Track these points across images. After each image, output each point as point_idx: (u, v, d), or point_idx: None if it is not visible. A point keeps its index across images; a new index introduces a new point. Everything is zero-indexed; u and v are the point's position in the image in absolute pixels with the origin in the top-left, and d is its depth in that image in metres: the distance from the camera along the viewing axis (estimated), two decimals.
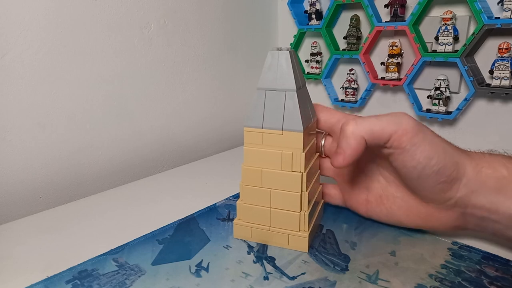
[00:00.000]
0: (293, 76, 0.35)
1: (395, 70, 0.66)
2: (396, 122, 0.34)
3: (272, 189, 0.38)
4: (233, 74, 0.78)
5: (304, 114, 0.36)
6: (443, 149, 0.34)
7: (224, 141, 0.78)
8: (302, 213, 0.37)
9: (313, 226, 0.39)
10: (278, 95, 0.36)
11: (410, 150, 0.34)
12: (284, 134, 0.36)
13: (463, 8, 0.59)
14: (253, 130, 0.37)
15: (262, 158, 0.37)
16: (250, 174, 0.39)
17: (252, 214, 0.39)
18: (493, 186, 0.33)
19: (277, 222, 0.38)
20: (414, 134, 0.34)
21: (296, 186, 0.37)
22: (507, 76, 0.55)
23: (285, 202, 0.37)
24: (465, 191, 0.34)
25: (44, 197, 0.55)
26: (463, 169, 0.34)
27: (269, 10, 0.82)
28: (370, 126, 0.34)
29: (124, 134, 0.63)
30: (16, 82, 0.50)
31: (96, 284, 0.34)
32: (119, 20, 0.58)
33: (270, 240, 0.39)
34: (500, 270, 0.35)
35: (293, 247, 0.38)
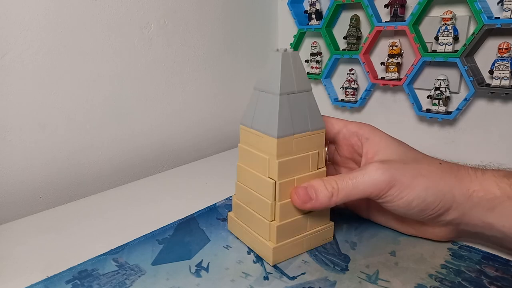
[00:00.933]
0: (279, 79, 0.33)
1: (395, 70, 0.66)
2: (370, 184, 0.34)
3: (253, 191, 0.37)
4: (233, 74, 0.78)
5: (289, 120, 0.34)
6: (425, 188, 0.34)
7: (224, 141, 0.78)
8: (273, 223, 0.36)
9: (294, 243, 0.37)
10: (267, 97, 0.35)
11: (390, 201, 0.34)
12: (263, 138, 0.35)
13: (463, 8, 0.59)
14: (246, 129, 0.37)
15: (250, 158, 0.37)
16: (241, 172, 0.39)
17: (240, 212, 0.40)
18: (485, 207, 0.33)
19: (254, 225, 0.38)
20: (389, 188, 0.34)
21: (269, 193, 0.35)
22: (507, 76, 0.55)
23: (260, 207, 0.37)
24: (456, 215, 0.34)
25: (44, 197, 0.55)
26: (450, 198, 0.34)
27: (269, 10, 0.82)
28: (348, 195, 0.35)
29: (124, 134, 0.63)
30: (16, 82, 0.50)
31: (96, 284, 0.34)
32: (119, 20, 0.58)
33: (247, 241, 0.39)
34: (500, 270, 0.35)
35: (262, 256, 0.37)
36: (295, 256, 0.37)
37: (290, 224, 0.36)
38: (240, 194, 0.40)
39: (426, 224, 0.38)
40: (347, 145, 0.40)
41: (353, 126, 0.39)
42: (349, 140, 0.39)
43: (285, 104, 0.34)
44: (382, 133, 0.38)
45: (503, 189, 0.33)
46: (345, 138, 0.40)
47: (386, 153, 0.36)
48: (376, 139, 0.38)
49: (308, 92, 0.35)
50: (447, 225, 0.36)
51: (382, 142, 0.37)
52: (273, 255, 0.36)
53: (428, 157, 0.37)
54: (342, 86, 0.75)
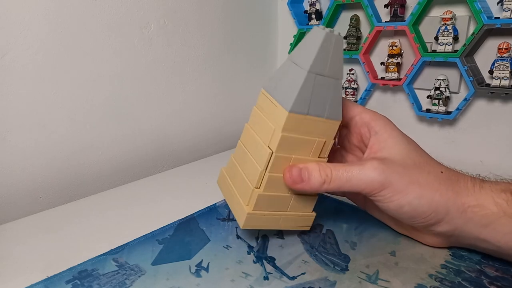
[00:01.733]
0: (314, 56, 0.32)
1: (395, 70, 0.66)
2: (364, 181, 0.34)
3: (249, 154, 0.37)
4: (233, 74, 0.77)
5: (308, 99, 0.33)
6: (418, 197, 0.33)
7: (224, 141, 0.78)
8: (256, 190, 0.35)
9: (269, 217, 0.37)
10: (295, 70, 0.34)
11: (381, 200, 0.34)
12: (277, 108, 0.34)
13: (463, 8, 0.59)
14: (265, 94, 0.37)
15: (258, 123, 0.37)
16: (246, 134, 0.39)
17: (232, 170, 0.40)
18: (479, 223, 0.33)
19: (239, 186, 0.38)
20: (382, 189, 0.33)
21: (262, 161, 0.35)
22: (507, 76, 0.55)
23: (250, 171, 0.36)
24: (448, 228, 0.34)
25: (44, 197, 0.55)
26: (444, 211, 0.33)
27: (269, 10, 0.82)
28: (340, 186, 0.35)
29: (124, 134, 0.63)
30: (16, 82, 0.50)
31: (96, 284, 0.34)
32: (119, 20, 0.58)
33: (228, 198, 0.39)
34: (500, 270, 0.35)
35: (236, 217, 0.37)
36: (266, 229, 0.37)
37: (272, 197, 0.36)
38: (238, 153, 0.39)
39: (418, 230, 0.38)
40: (357, 133, 0.39)
41: (367, 115, 0.38)
42: (360, 129, 0.38)
43: (310, 82, 0.33)
44: (393, 130, 0.37)
45: (499, 205, 0.32)
46: (356, 126, 0.39)
47: (390, 152, 0.36)
48: (384, 135, 0.37)
49: (337, 80, 0.34)
50: (438, 235, 0.36)
51: (390, 140, 0.36)
52: (246, 219, 0.36)
53: (432, 163, 0.36)
54: (342, 86, 0.75)
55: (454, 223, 0.34)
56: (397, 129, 0.38)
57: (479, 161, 0.38)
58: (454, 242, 0.37)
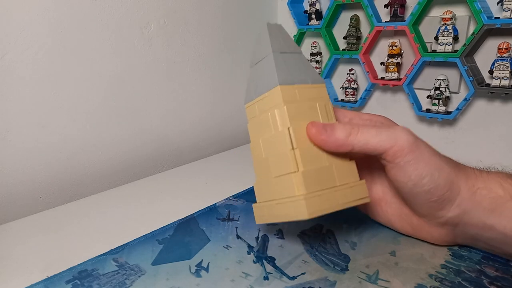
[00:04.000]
0: (269, 41, 0.35)
1: (395, 70, 0.66)
2: (393, 137, 0.33)
3: (270, 157, 0.35)
4: (233, 74, 0.78)
5: (287, 71, 0.35)
6: (439, 169, 0.33)
7: (224, 141, 0.78)
8: (296, 173, 0.32)
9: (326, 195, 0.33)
10: (262, 64, 0.36)
11: (403, 166, 0.33)
12: (268, 96, 0.35)
13: (462, 8, 0.59)
14: (249, 105, 0.38)
15: (259, 128, 0.37)
16: (256, 152, 0.37)
17: (263, 192, 0.37)
18: (487, 206, 0.33)
19: (279, 192, 0.34)
20: (409, 151, 0.33)
21: (285, 143, 0.33)
22: (506, 76, 0.55)
23: (281, 166, 0.34)
24: (458, 212, 0.34)
25: (44, 197, 0.55)
26: (457, 190, 0.33)
27: (269, 10, 0.82)
28: (367, 140, 0.33)
29: (124, 134, 0.63)
30: (16, 82, 0.50)
31: (96, 284, 0.34)
32: (119, 20, 0.58)
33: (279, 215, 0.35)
34: (500, 270, 0.35)
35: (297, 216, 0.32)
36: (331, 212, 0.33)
37: (316, 171, 0.33)
38: (259, 174, 0.38)
39: (424, 222, 0.37)
40: None
41: (366, 115, 0.39)
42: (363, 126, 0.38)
43: (279, 59, 0.35)
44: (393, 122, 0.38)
45: (506, 189, 0.33)
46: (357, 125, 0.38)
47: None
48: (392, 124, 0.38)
49: (299, 54, 0.37)
50: (445, 224, 0.36)
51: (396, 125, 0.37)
52: (307, 205, 0.31)
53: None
54: (342, 86, 0.75)
55: (464, 205, 0.33)
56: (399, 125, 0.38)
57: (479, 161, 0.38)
58: (459, 233, 0.36)
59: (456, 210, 0.34)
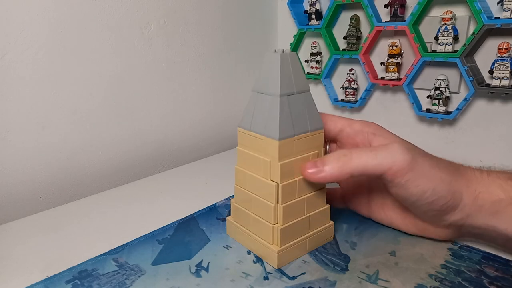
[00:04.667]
0: (279, 80, 0.33)
1: (395, 70, 0.66)
2: (391, 158, 0.33)
3: (253, 195, 0.37)
4: (233, 74, 0.78)
5: (290, 121, 0.34)
6: (440, 181, 0.33)
7: (224, 141, 0.78)
8: (276, 226, 0.35)
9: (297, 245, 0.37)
10: (265, 99, 0.34)
11: (404, 184, 0.33)
12: (264, 140, 0.35)
13: (463, 8, 0.59)
14: (243, 131, 0.37)
15: (249, 161, 0.37)
16: (239, 175, 0.39)
17: (240, 216, 0.39)
18: (489, 210, 0.33)
19: (255, 229, 0.37)
20: (408, 170, 0.33)
21: (271, 196, 0.35)
22: (506, 76, 0.55)
23: (262, 210, 0.36)
24: (461, 216, 0.34)
25: (44, 197, 0.55)
26: (459, 197, 0.33)
27: (269, 10, 0.82)
28: (365, 164, 0.33)
29: (124, 134, 0.63)
30: (16, 82, 0.50)
31: (96, 284, 0.34)
32: (119, 20, 0.58)
33: (249, 245, 0.39)
34: (500, 270, 0.35)
35: (266, 260, 0.37)
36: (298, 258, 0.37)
37: (293, 226, 0.36)
38: (240, 198, 0.39)
39: (428, 224, 0.38)
40: (351, 144, 0.39)
41: (358, 124, 0.38)
42: (354, 138, 0.38)
43: (285, 105, 0.33)
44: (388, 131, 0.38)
45: (507, 192, 0.33)
46: (349, 136, 0.38)
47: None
48: (383, 134, 0.37)
49: (306, 92, 0.35)
50: (449, 226, 0.36)
51: (391, 136, 0.37)
52: (278, 258, 0.35)
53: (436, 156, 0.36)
54: (342, 86, 0.75)
55: (466, 210, 0.34)
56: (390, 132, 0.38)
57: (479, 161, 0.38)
58: (464, 232, 0.37)
59: (458, 215, 0.34)
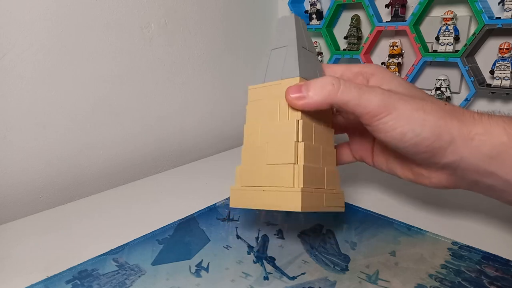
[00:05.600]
0: (295, 34, 0.36)
1: (395, 70, 0.66)
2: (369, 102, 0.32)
3: (268, 144, 0.35)
4: (233, 74, 0.78)
5: (305, 67, 0.35)
6: (421, 123, 0.32)
7: (224, 141, 0.78)
8: (297, 165, 0.33)
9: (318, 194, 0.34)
10: (281, 51, 0.36)
11: (382, 128, 0.33)
12: (282, 84, 0.35)
13: (463, 8, 0.59)
14: (255, 87, 0.37)
15: (263, 111, 0.36)
16: (249, 131, 0.37)
17: (249, 176, 0.36)
18: (487, 152, 0.31)
19: (271, 179, 0.34)
20: (386, 114, 0.32)
21: (292, 134, 0.33)
22: (507, 76, 0.55)
23: (280, 154, 0.34)
24: (453, 158, 0.33)
25: (44, 197, 0.55)
26: (448, 138, 0.32)
27: (269, 10, 0.82)
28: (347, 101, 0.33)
29: (124, 134, 0.63)
30: (16, 82, 0.50)
31: (96, 284, 0.34)
32: (119, 20, 0.58)
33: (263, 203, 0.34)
34: (500, 270, 0.34)
35: (287, 207, 0.32)
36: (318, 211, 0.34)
37: (312, 170, 0.34)
38: (248, 157, 0.37)
39: (422, 168, 0.36)
40: None
41: (356, 67, 0.38)
42: (355, 81, 0.37)
43: (301, 53, 0.36)
44: (389, 72, 0.38)
45: (511, 134, 0.31)
46: (350, 79, 0.38)
47: (391, 85, 0.35)
48: (381, 75, 0.37)
49: (315, 53, 0.38)
50: (443, 169, 0.35)
51: (387, 77, 0.36)
52: (302, 198, 0.32)
53: (434, 98, 0.36)
54: None
55: (459, 152, 0.32)
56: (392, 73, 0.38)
57: None
58: (459, 178, 0.35)
59: (450, 157, 0.33)
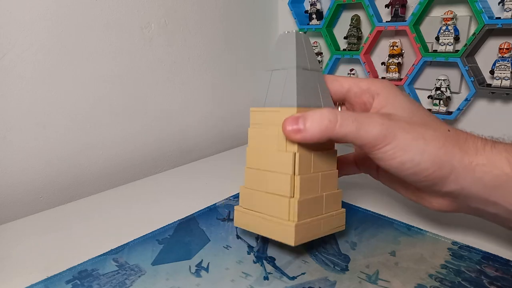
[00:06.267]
0: (295, 54, 0.34)
1: (395, 70, 0.66)
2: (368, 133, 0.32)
3: (267, 171, 0.35)
4: (233, 74, 0.77)
5: (305, 93, 0.34)
6: (421, 152, 0.32)
7: (224, 141, 0.78)
8: (293, 199, 0.33)
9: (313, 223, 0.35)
10: (281, 74, 0.35)
11: (382, 158, 0.33)
12: (280, 112, 0.34)
13: (463, 8, 0.59)
14: (256, 110, 0.37)
15: (262, 138, 0.36)
16: (251, 155, 0.37)
17: (251, 199, 0.37)
18: (489, 183, 0.31)
19: (269, 208, 0.35)
20: (385, 144, 0.32)
21: (288, 166, 0.34)
22: (507, 76, 0.55)
23: (277, 185, 0.34)
24: (455, 187, 0.33)
25: (44, 197, 0.55)
26: (448, 168, 0.32)
27: (269, 10, 0.82)
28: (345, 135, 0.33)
29: (124, 134, 0.63)
30: (16, 82, 0.50)
31: (96, 284, 0.34)
32: (119, 20, 0.58)
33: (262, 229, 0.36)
34: (500, 270, 0.34)
35: (282, 239, 0.34)
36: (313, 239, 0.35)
37: (309, 202, 0.34)
38: (251, 180, 0.37)
39: (425, 193, 0.36)
40: (359, 103, 0.38)
41: (364, 83, 0.37)
42: (361, 98, 0.37)
43: (301, 77, 0.34)
44: (395, 90, 0.36)
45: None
46: (356, 96, 0.37)
47: (394, 108, 0.35)
48: (386, 94, 0.36)
49: (319, 72, 0.36)
50: (445, 196, 0.35)
51: (392, 98, 0.36)
52: (296, 234, 0.33)
53: (438, 122, 0.35)
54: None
55: (460, 182, 0.32)
56: (399, 90, 0.37)
57: None
58: (463, 205, 0.35)
59: (452, 186, 0.33)
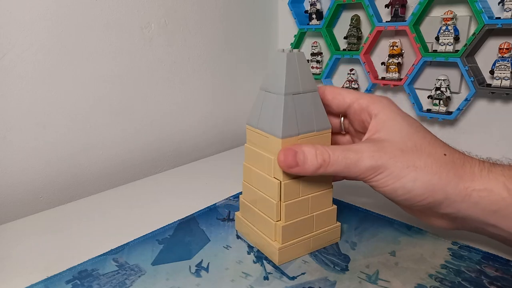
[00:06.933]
0: (284, 80, 0.33)
1: (395, 70, 0.66)
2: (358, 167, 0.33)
3: (258, 191, 0.37)
4: (233, 74, 0.77)
5: (294, 121, 0.34)
6: (413, 180, 0.32)
7: (224, 141, 0.78)
8: (278, 223, 0.36)
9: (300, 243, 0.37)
10: (271, 98, 0.35)
11: (375, 186, 0.34)
12: (269, 138, 0.35)
13: (463, 8, 0.59)
14: (251, 129, 0.37)
15: (255, 158, 0.37)
16: (247, 172, 0.39)
17: (246, 211, 0.40)
18: (487, 208, 0.32)
19: (260, 225, 0.38)
20: (377, 174, 0.33)
21: (274, 194, 0.35)
22: (507, 76, 0.55)
23: (266, 207, 0.37)
24: (451, 211, 0.33)
25: (44, 197, 0.55)
26: (442, 195, 0.32)
27: (269, 10, 0.82)
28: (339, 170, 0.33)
29: (124, 134, 0.63)
30: (16, 82, 0.50)
31: (96, 284, 0.34)
32: (119, 20, 0.58)
33: (253, 240, 0.39)
34: (500, 270, 0.34)
35: (268, 255, 0.37)
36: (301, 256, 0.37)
37: (295, 224, 0.36)
38: (246, 194, 0.40)
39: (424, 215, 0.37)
40: (358, 120, 0.38)
41: (364, 100, 0.37)
42: (360, 115, 0.38)
43: (290, 104, 0.34)
44: (393, 111, 0.36)
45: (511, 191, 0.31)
46: (356, 113, 0.38)
47: (389, 133, 0.35)
48: (384, 117, 0.36)
49: (313, 92, 0.35)
50: (443, 217, 0.35)
51: (389, 121, 0.36)
52: (279, 255, 0.36)
53: (436, 145, 0.35)
54: (342, 86, 0.75)
55: (456, 207, 0.33)
56: (398, 110, 0.37)
57: None
58: (463, 225, 0.35)
59: (448, 209, 0.33)
